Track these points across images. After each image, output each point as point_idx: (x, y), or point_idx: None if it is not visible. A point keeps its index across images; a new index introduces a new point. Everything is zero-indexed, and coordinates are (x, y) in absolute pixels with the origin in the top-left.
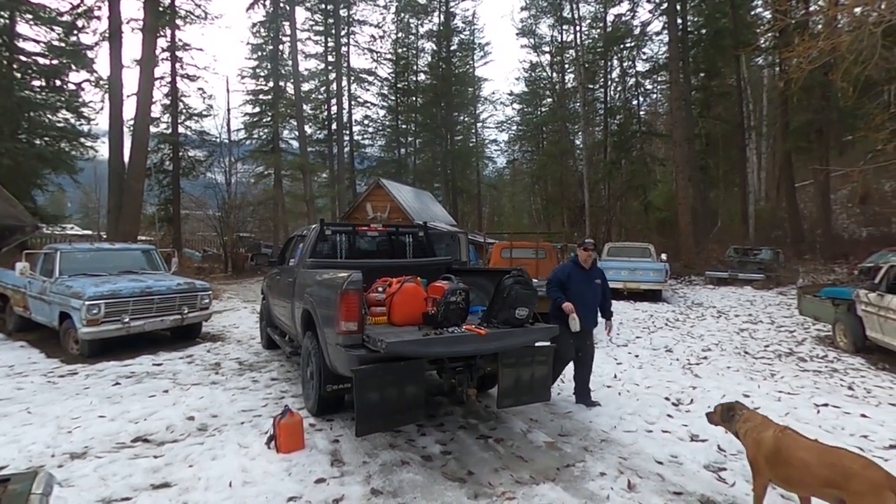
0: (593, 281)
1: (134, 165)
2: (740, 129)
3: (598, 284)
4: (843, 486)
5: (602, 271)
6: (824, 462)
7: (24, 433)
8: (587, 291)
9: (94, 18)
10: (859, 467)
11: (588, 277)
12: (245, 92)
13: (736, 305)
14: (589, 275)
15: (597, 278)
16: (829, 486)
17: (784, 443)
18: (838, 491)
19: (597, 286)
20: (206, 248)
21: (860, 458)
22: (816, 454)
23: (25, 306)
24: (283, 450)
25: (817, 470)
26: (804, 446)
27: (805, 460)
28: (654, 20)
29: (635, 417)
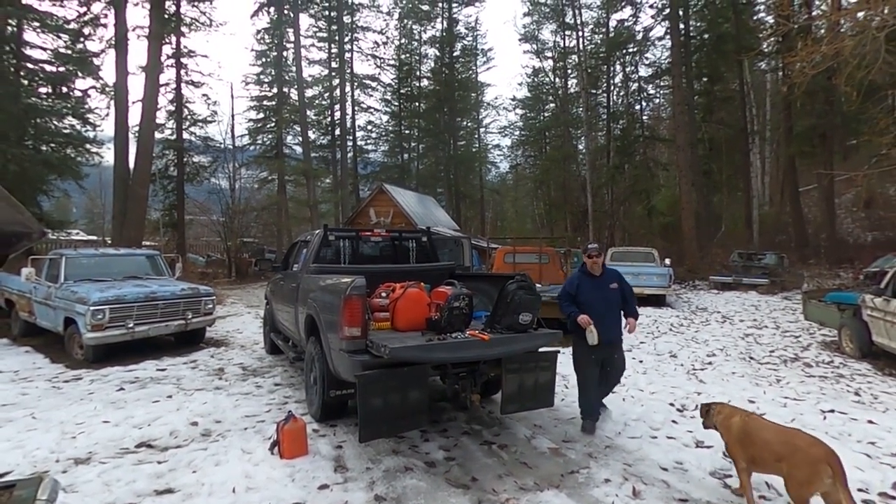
0: (607, 287)
1: (139, 171)
2: (744, 134)
3: (614, 289)
4: (790, 458)
5: (618, 273)
6: (780, 441)
7: (29, 438)
8: (600, 299)
9: (100, 26)
10: (805, 444)
11: (599, 284)
12: (249, 98)
13: (740, 310)
14: (600, 281)
15: (611, 282)
16: (781, 461)
17: (750, 426)
18: (789, 466)
19: (612, 291)
20: (210, 253)
21: (809, 437)
22: (775, 434)
23: (31, 311)
24: (287, 455)
25: (775, 447)
26: (765, 427)
27: (766, 439)
28: (656, 25)
29: (640, 423)
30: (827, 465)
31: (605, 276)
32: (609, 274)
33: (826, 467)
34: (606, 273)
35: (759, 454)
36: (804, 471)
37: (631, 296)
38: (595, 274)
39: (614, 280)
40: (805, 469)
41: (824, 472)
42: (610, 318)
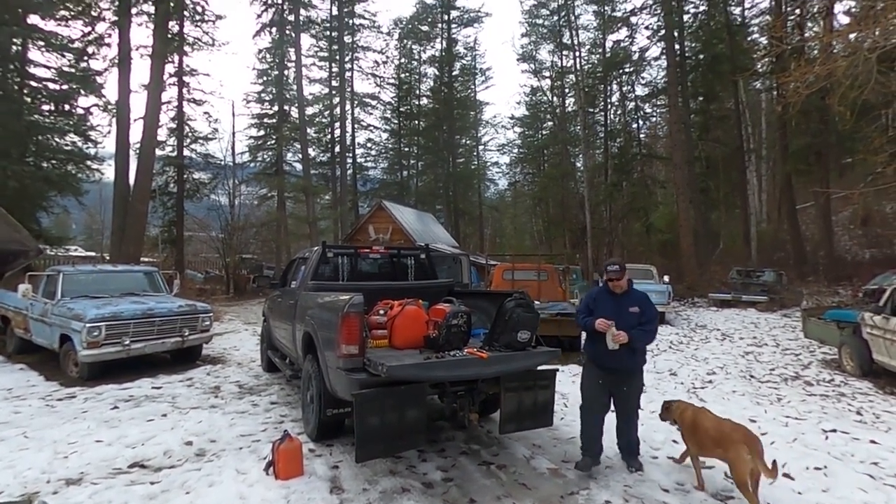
0: (626, 309)
1: (139, 188)
2: (740, 152)
3: (633, 313)
4: (720, 443)
5: (645, 297)
6: (715, 428)
7: (21, 458)
8: (617, 320)
9: (104, 45)
10: (730, 430)
11: (619, 304)
12: (250, 116)
13: (740, 328)
14: (620, 301)
15: (633, 305)
16: (717, 446)
17: (698, 418)
18: (722, 449)
19: (631, 315)
20: (209, 269)
21: (734, 425)
22: (712, 423)
23: (26, 328)
24: (282, 476)
25: (712, 434)
26: (707, 419)
27: (706, 427)
28: (652, 46)
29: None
30: (745, 445)
31: (628, 297)
32: (634, 296)
33: (744, 446)
34: (632, 294)
35: (702, 441)
36: (732, 452)
37: (650, 322)
38: (617, 292)
39: (637, 303)
40: (731, 450)
41: (744, 450)
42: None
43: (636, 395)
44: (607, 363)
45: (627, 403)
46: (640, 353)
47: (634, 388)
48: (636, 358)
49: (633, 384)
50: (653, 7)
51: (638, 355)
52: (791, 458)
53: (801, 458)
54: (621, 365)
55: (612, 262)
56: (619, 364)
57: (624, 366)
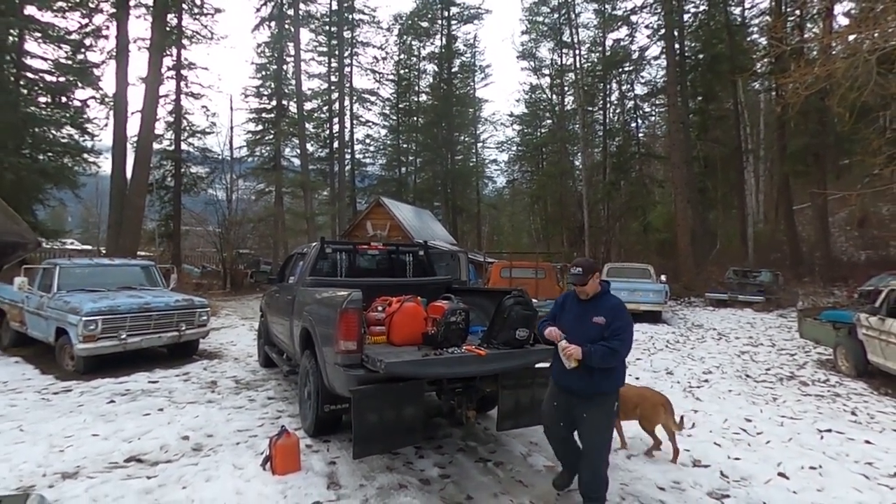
0: (589, 319)
1: (136, 181)
2: (738, 152)
3: (596, 325)
4: (640, 405)
5: (616, 306)
6: (635, 394)
7: (16, 452)
8: (575, 331)
9: (101, 37)
10: (650, 395)
11: (582, 312)
12: (248, 110)
13: (736, 328)
14: (585, 308)
15: (598, 314)
16: (636, 408)
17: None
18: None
19: (594, 327)
20: (206, 264)
21: (651, 391)
22: (635, 392)
23: (22, 321)
24: (279, 471)
25: (633, 399)
26: (630, 388)
27: (630, 395)
28: (652, 45)
29: (636, 441)
30: (662, 406)
31: (595, 305)
32: (603, 304)
33: (661, 407)
34: (601, 301)
35: (624, 406)
36: (650, 410)
37: (615, 336)
38: (582, 298)
39: (604, 312)
40: (650, 409)
41: (661, 409)
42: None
43: (598, 427)
44: (560, 380)
45: (584, 436)
46: (599, 374)
47: (594, 418)
48: (593, 380)
49: (593, 413)
50: (653, 6)
51: (596, 377)
52: (786, 458)
53: (796, 458)
54: (573, 386)
55: (575, 264)
56: (571, 384)
57: (576, 387)
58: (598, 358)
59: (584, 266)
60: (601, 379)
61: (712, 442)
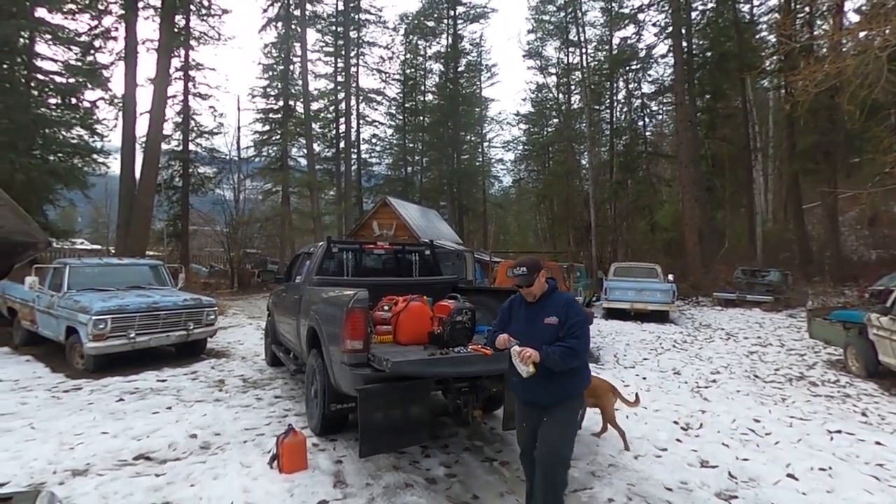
0: (540, 320)
1: (144, 181)
2: (747, 151)
3: (549, 325)
4: (593, 393)
5: (568, 303)
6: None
7: (27, 449)
8: (525, 336)
9: (110, 39)
10: (599, 383)
11: (533, 314)
12: (255, 110)
13: (745, 327)
14: (535, 310)
15: (548, 315)
16: (590, 396)
17: None
18: (594, 398)
19: (546, 328)
20: (213, 263)
21: (600, 380)
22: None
23: (33, 320)
24: (286, 470)
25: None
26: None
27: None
28: (659, 43)
29: (643, 441)
30: (611, 392)
31: (543, 306)
32: (553, 302)
33: (610, 394)
34: (551, 301)
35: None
36: (603, 398)
37: (571, 334)
38: (529, 300)
39: (555, 312)
40: (603, 397)
41: (611, 396)
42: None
43: (556, 438)
44: (520, 394)
45: (542, 448)
46: (563, 378)
47: (553, 427)
48: (553, 386)
49: (553, 422)
50: (660, 4)
51: (557, 382)
52: (795, 459)
53: (805, 459)
54: (534, 397)
55: (518, 263)
56: (531, 396)
57: (537, 398)
58: (557, 359)
59: (529, 265)
60: (566, 383)
61: (720, 442)
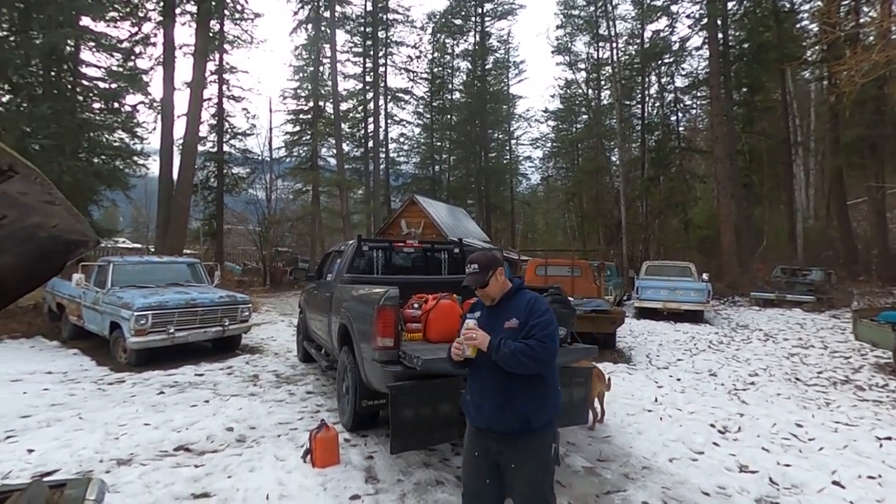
0: (501, 323)
1: (182, 182)
2: (786, 145)
3: (510, 329)
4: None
5: (531, 302)
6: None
7: (76, 438)
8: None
9: (149, 45)
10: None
11: (493, 319)
12: (286, 112)
13: (784, 328)
14: (496, 312)
15: (509, 317)
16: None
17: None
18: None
19: (507, 333)
20: (247, 261)
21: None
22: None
23: (79, 316)
24: (319, 464)
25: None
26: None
27: None
28: (693, 35)
29: (678, 444)
30: (597, 377)
31: (504, 308)
32: (515, 304)
33: (597, 378)
34: (512, 302)
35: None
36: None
37: (532, 335)
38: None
39: (516, 314)
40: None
41: (597, 379)
42: (492, 380)
43: (534, 489)
44: (472, 416)
45: (517, 496)
46: (520, 399)
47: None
48: (512, 409)
49: (524, 460)
50: None
51: (516, 404)
52: (841, 466)
53: (852, 466)
54: (489, 422)
55: (470, 260)
56: (485, 420)
57: (493, 422)
58: (506, 353)
59: (481, 261)
60: (527, 406)
61: (760, 447)
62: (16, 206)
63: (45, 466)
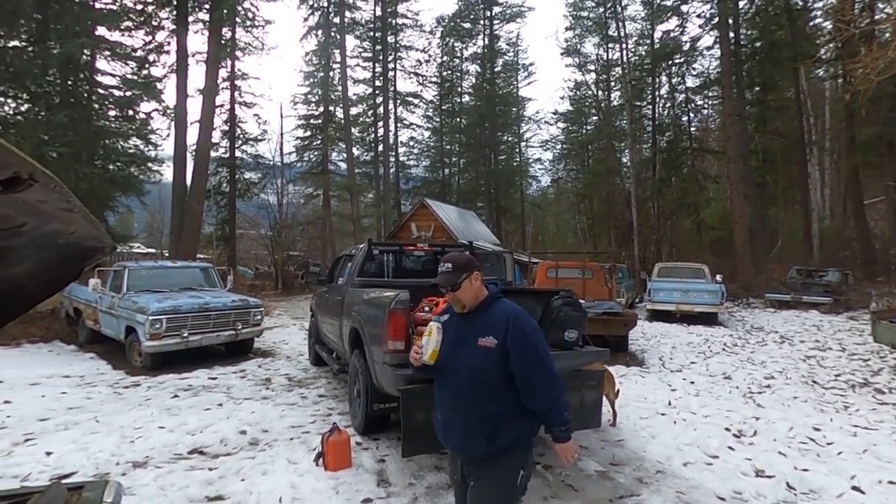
0: (474, 340)
1: (195, 188)
2: (801, 144)
3: (484, 349)
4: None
5: (511, 316)
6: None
7: (93, 441)
8: (457, 362)
9: (163, 53)
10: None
11: (465, 331)
12: (297, 117)
13: (801, 330)
14: (467, 325)
15: (483, 333)
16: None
17: None
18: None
19: (480, 351)
20: (258, 265)
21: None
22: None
23: (96, 320)
24: (331, 468)
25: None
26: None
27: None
28: (704, 35)
29: (693, 448)
30: (607, 378)
31: (481, 320)
32: (491, 317)
33: (607, 379)
34: (489, 313)
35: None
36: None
37: (532, 370)
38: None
39: (494, 331)
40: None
41: (607, 381)
42: (464, 400)
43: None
44: (441, 437)
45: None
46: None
47: (483, 486)
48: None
49: (480, 488)
50: None
51: (484, 427)
52: (861, 471)
53: (872, 471)
54: (457, 444)
55: (445, 259)
56: (459, 444)
57: (462, 445)
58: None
59: (456, 262)
60: (497, 431)
61: (776, 451)
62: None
63: (63, 469)
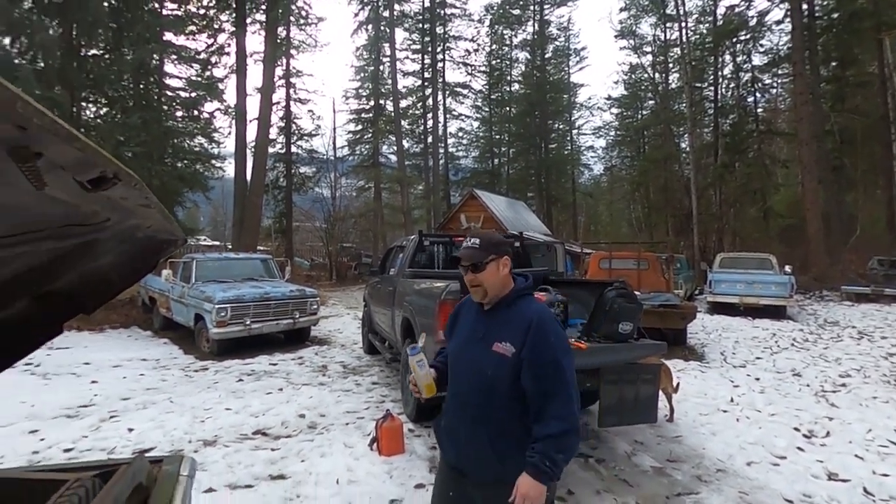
0: (488, 344)
1: (254, 183)
2: (884, 123)
3: (498, 355)
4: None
5: (537, 321)
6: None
7: (168, 420)
8: (465, 361)
9: (224, 54)
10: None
11: (481, 330)
12: (349, 111)
13: (882, 326)
14: (485, 323)
15: (501, 337)
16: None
17: None
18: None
19: (493, 358)
20: (314, 257)
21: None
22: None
23: (168, 308)
24: (385, 452)
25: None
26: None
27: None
28: (773, 8)
29: (757, 447)
30: (664, 372)
31: (503, 318)
32: (516, 317)
33: (663, 372)
34: (513, 311)
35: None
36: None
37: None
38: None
39: (511, 336)
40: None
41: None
42: (468, 412)
43: None
44: (443, 448)
45: None
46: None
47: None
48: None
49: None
50: None
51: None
52: None
53: None
54: (466, 467)
55: (472, 235)
56: (462, 462)
57: (471, 468)
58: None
59: (485, 240)
60: (507, 451)
61: (852, 454)
62: (118, 209)
63: (143, 444)
